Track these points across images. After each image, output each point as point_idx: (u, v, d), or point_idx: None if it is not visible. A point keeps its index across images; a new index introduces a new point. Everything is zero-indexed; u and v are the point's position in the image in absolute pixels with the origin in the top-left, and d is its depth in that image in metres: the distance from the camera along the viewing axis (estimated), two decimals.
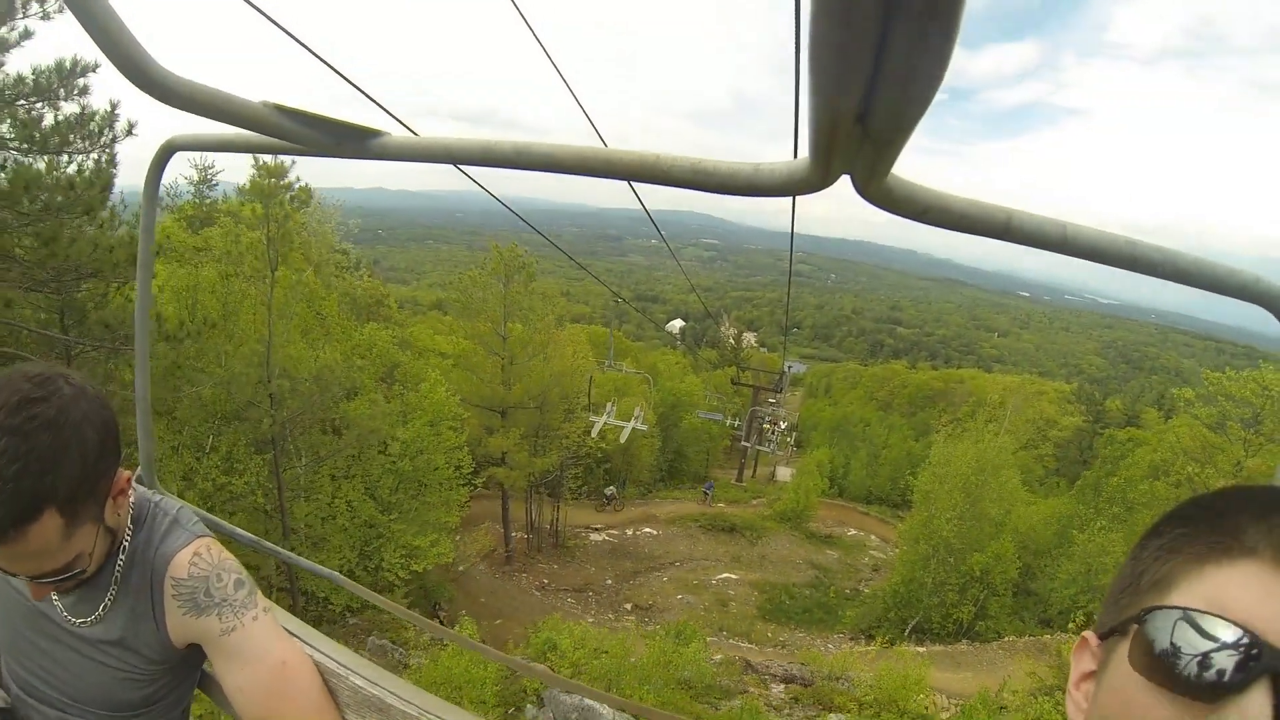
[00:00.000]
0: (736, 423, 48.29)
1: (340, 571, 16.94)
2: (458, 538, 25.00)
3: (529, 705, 12.44)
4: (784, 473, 51.26)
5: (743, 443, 47.22)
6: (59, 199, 10.64)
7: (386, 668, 1.57)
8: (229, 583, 1.37)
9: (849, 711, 15.06)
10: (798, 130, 3.16)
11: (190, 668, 1.51)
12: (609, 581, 29.91)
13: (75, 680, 1.39)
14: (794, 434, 58.30)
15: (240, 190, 19.09)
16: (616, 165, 0.75)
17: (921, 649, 22.94)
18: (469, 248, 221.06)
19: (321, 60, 3.13)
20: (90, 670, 1.38)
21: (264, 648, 1.35)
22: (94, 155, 11.46)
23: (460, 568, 25.98)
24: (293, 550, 16.95)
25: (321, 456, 18.47)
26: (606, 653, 14.37)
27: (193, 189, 29.47)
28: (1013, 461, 31.38)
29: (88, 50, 11.20)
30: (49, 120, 10.82)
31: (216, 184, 30.10)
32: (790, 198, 3.39)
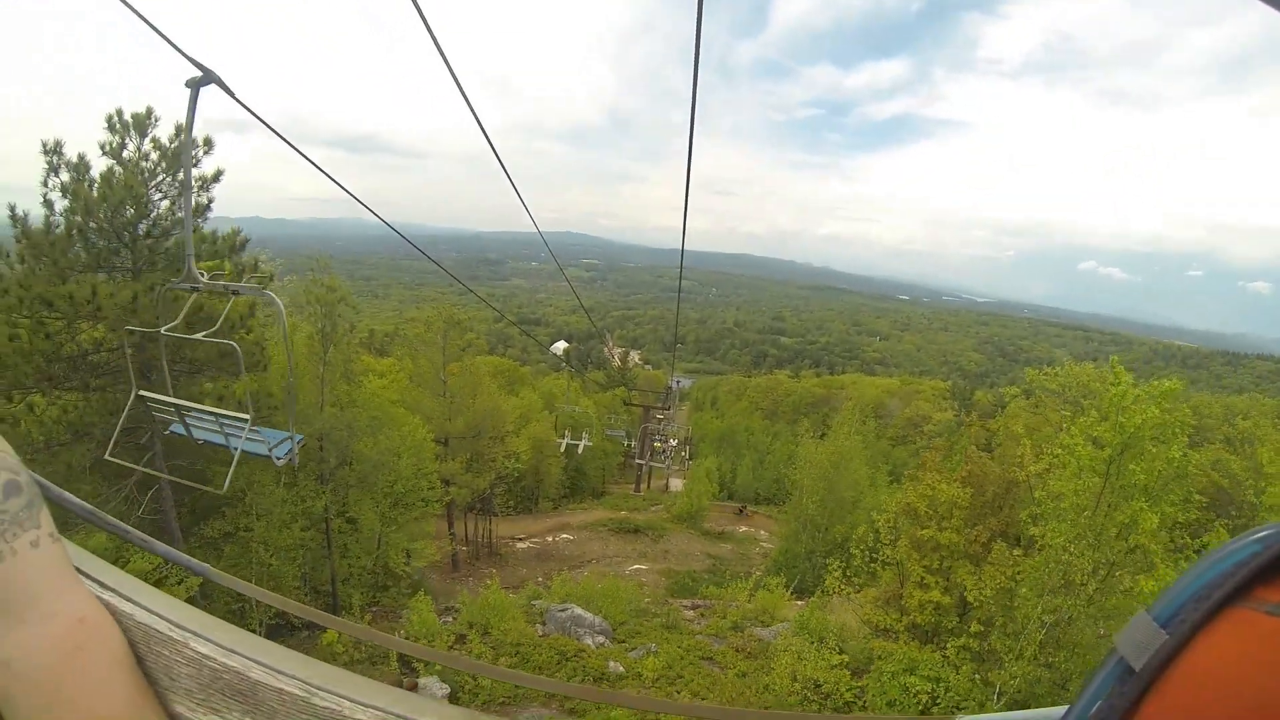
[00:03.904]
0: (630, 441, 55.34)
1: (354, 572, 24.33)
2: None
3: (538, 625, 20.21)
4: (677, 484, 57.98)
5: (637, 460, 53.35)
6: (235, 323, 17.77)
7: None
8: None
9: (735, 618, 23.50)
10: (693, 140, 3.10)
11: None
12: (540, 579, 35.93)
13: None
14: (687, 447, 62.66)
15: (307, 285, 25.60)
16: None
17: (800, 602, 30.38)
18: (349, 276, 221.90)
19: (225, 89, 3.46)
20: None
21: (50, 595, 0.89)
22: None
23: (415, 576, 32.61)
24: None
25: (349, 484, 25.53)
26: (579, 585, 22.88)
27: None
28: (862, 456, 40.64)
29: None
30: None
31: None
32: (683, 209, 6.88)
